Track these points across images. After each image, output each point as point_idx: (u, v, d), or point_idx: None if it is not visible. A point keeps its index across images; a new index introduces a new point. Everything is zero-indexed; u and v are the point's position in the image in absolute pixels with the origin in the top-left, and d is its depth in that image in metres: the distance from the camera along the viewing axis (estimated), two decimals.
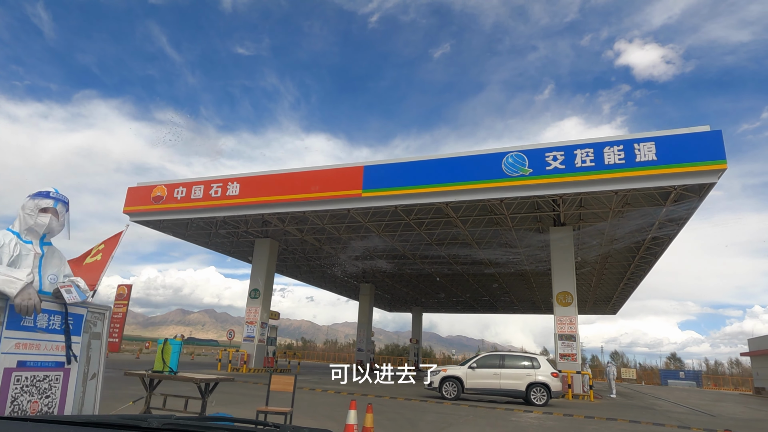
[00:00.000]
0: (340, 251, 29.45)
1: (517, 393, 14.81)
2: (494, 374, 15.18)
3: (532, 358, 15.67)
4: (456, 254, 29.09)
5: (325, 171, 20.21)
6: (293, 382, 5.77)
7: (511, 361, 15.50)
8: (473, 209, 21.08)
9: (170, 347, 5.77)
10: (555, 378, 14.82)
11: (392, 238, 25.79)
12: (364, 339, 36.69)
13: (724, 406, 19.91)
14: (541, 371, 14.89)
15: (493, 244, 26.65)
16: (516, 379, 14.91)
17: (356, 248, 28.79)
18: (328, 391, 15.14)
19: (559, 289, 19.82)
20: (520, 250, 26.65)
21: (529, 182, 16.83)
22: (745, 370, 69.55)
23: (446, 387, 15.42)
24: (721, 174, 15.18)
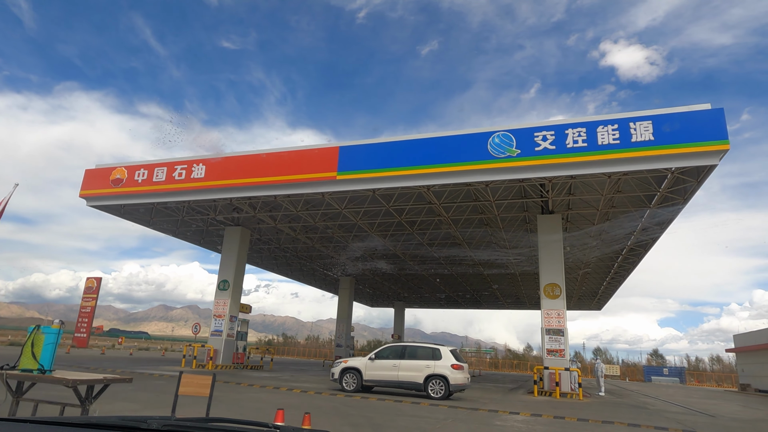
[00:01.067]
0: (317, 242, 27.97)
1: (416, 385, 14.08)
2: (393, 366, 14.45)
3: (433, 349, 14.72)
4: (439, 246, 27.80)
5: (297, 152, 18.71)
6: (210, 384, 4.33)
7: (412, 353, 14.70)
8: (456, 195, 19.78)
9: (42, 337, 4.29)
10: (456, 370, 14.01)
11: (371, 227, 24.39)
12: (344, 334, 35.29)
13: (718, 404, 18.94)
14: (440, 363, 14.10)
15: (477, 236, 25.41)
16: (415, 371, 14.20)
17: (334, 239, 27.34)
18: (293, 390, 13.71)
19: (547, 281, 18.61)
20: (505, 241, 25.45)
21: (517, 164, 15.54)
22: (725, 366, 69.76)
23: (346, 379, 14.84)
24: (722, 155, 14.04)
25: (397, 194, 20.13)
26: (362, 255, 30.51)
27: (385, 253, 30.30)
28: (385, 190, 19.30)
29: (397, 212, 22.05)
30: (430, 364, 14.14)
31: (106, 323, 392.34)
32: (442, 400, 13.22)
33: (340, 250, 30.03)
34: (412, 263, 31.56)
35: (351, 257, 31.54)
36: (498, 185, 18.32)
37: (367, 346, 73.93)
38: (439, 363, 14.11)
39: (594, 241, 26.01)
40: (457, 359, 14.58)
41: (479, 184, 17.92)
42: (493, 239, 26.24)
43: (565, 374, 17.43)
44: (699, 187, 16.28)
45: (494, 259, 30.97)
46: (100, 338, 71.18)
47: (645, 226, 24.32)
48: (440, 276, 36.88)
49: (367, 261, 32.58)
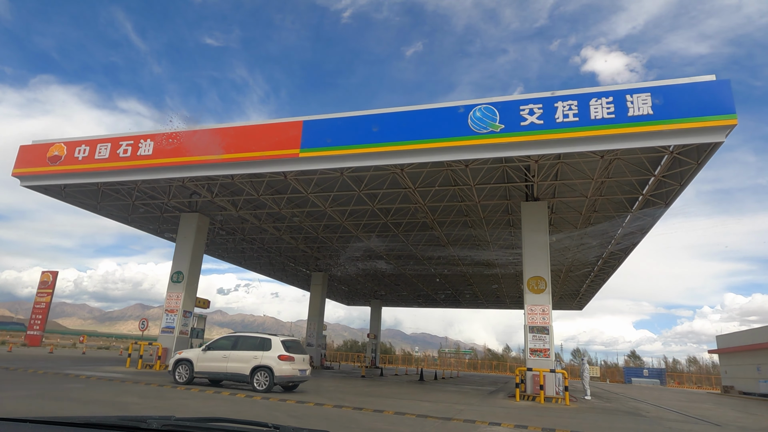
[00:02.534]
0: (285, 232, 25.95)
1: (242, 377, 13.33)
2: (223, 357, 13.75)
3: (264, 339, 13.82)
4: (416, 239, 26.03)
5: (256, 127, 16.72)
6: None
7: (243, 343, 13.93)
8: (434, 179, 18.02)
9: None
10: (282, 361, 13.15)
11: (342, 216, 22.49)
12: (315, 333, 33.25)
13: (713, 409, 17.53)
14: (268, 354, 13.29)
15: (457, 227, 23.70)
16: (242, 362, 13.44)
17: (303, 229, 25.36)
18: (237, 395, 11.74)
19: (531, 274, 16.95)
20: (486, 233, 23.79)
21: (501, 140, 13.81)
22: (701, 368, 69.61)
23: (179, 371, 14.18)
24: (729, 131, 12.49)
25: (369, 177, 18.29)
26: (334, 248, 28.57)
27: (359, 247, 28.42)
28: (354, 172, 17.44)
29: (370, 198, 20.20)
30: (258, 354, 13.35)
31: (80, 322, 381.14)
32: (290, 394, 11.41)
33: (310, 243, 28.06)
34: (387, 258, 29.74)
35: (322, 250, 29.58)
36: (479, 167, 16.63)
37: (343, 346, 71.94)
38: (266, 354, 13.30)
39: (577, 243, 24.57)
40: (292, 350, 13.71)
41: (458, 165, 16.20)
42: (474, 232, 24.56)
43: (550, 376, 15.77)
44: (699, 170, 14.77)
45: (474, 256, 29.33)
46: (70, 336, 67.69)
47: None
48: (418, 273, 35.12)
49: (340, 255, 30.67)
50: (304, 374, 13.96)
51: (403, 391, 17.00)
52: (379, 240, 26.55)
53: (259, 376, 13.13)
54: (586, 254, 28.58)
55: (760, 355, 31.77)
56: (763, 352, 31.22)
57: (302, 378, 13.89)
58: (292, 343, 14.26)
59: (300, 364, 13.76)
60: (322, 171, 17.35)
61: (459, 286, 40.43)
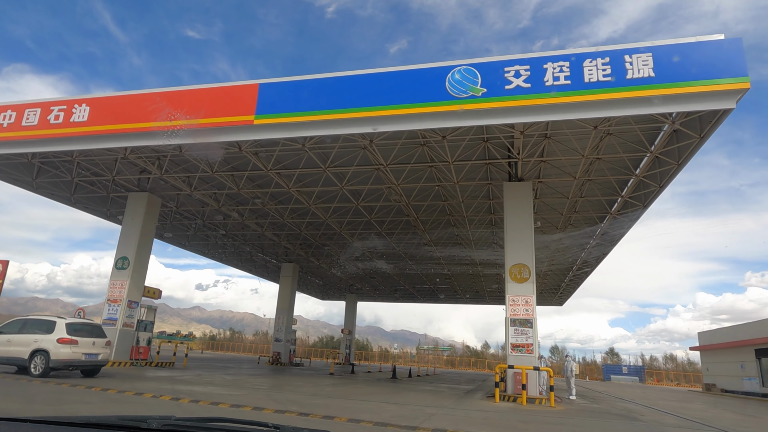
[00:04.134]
0: (248, 217, 23.91)
1: (21, 362, 12.41)
2: (8, 341, 12.80)
3: (50, 321, 12.91)
4: (390, 227, 24.25)
5: (205, 90, 14.67)
6: None
7: (30, 326, 12.97)
8: (408, 155, 16.25)
9: None
10: (63, 344, 12.21)
11: (309, 199, 20.57)
12: (283, 328, 31.24)
13: (707, 410, 16.18)
14: (49, 337, 12.36)
15: (434, 215, 21.99)
16: (23, 346, 12.50)
17: (268, 214, 23.37)
18: (160, 397, 9.79)
19: (514, 261, 15.29)
20: (465, 220, 22.12)
21: (482, 106, 12.06)
22: (678, 365, 69.64)
23: None
24: (740, 96, 10.94)
25: (336, 152, 16.43)
26: (303, 236, 26.61)
27: (330, 235, 26.52)
28: (318, 144, 15.57)
29: (338, 178, 18.34)
30: (39, 338, 12.44)
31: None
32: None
33: (277, 230, 26.06)
34: (362, 248, 27.89)
35: (290, 239, 27.61)
36: (458, 140, 14.90)
37: (319, 342, 69.89)
38: (48, 337, 12.39)
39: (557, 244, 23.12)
40: (82, 333, 12.78)
41: (434, 136, 14.45)
42: (453, 221, 22.90)
43: (534, 375, 14.16)
44: (701, 146, 13.25)
45: (454, 250, 27.69)
46: None
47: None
48: (395, 265, 33.38)
49: (311, 244, 28.73)
50: (94, 358, 12.91)
51: (370, 390, 15.23)
52: (350, 228, 24.71)
53: (36, 360, 12.23)
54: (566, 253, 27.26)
55: (743, 352, 30.87)
56: (747, 350, 30.32)
57: (89, 363, 12.83)
58: (84, 326, 13.26)
59: (87, 347, 12.73)
60: (282, 143, 15.45)
61: (437, 280, 38.82)
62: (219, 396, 10.37)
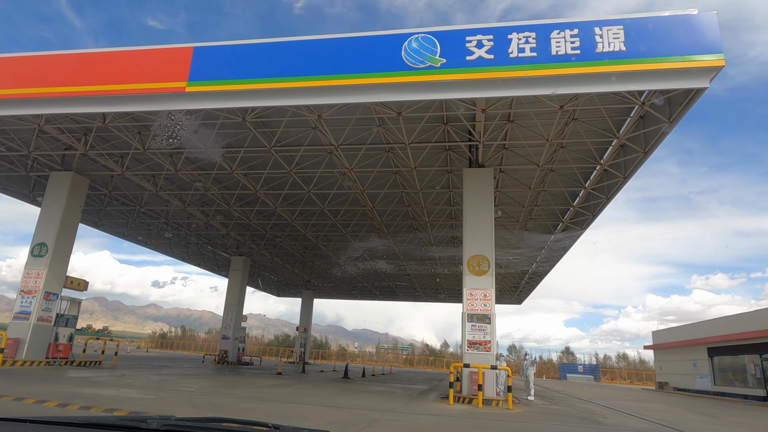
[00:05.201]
0: (191, 204, 22.06)
1: None
2: None
3: None
4: (346, 218, 22.91)
5: (133, 52, 12.94)
6: None
7: None
8: (362, 136, 14.97)
9: None
10: None
11: (256, 183, 19.00)
12: (231, 325, 29.40)
13: (668, 410, 15.64)
14: None
15: (392, 204, 20.80)
16: None
17: (214, 201, 21.61)
18: (44, 403, 8.14)
19: (472, 253, 14.23)
20: (424, 210, 21.03)
21: (442, 77, 10.90)
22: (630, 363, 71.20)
23: None
24: (714, 75, 10.19)
25: (282, 131, 14.98)
26: (252, 226, 24.90)
27: (281, 226, 24.95)
28: (260, 117, 14.08)
29: (287, 161, 16.89)
30: None
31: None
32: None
33: (224, 219, 24.27)
34: (315, 241, 26.42)
35: (239, 229, 25.85)
36: (415, 118, 13.72)
37: (274, 340, 67.70)
38: None
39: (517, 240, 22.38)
40: None
41: (389, 112, 13.21)
42: (411, 213, 21.78)
43: (491, 374, 13.14)
44: (670, 131, 12.52)
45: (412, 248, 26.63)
46: None
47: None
48: (353, 260, 32.04)
49: (262, 236, 27.05)
50: None
51: (315, 392, 13.86)
52: (303, 218, 23.23)
53: None
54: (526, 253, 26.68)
55: (696, 351, 31.13)
56: (700, 348, 30.56)
57: None
58: None
59: None
60: (223, 117, 13.87)
61: (396, 277, 37.73)
62: (126, 401, 8.79)
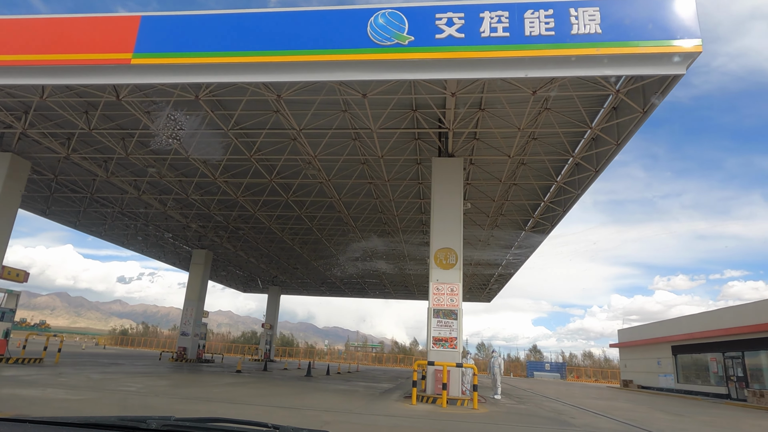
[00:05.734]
0: (146, 191, 20.81)
1: None
2: None
3: None
4: (312, 209, 22.05)
5: (74, 20, 11.84)
6: None
7: None
8: (326, 120, 14.15)
9: None
10: None
11: (215, 172, 17.97)
12: (191, 320, 28.15)
13: (635, 409, 15.38)
14: None
15: (360, 195, 20.04)
16: None
17: (169, 188, 20.44)
18: None
19: (440, 245, 13.61)
20: (392, 203, 20.34)
21: (409, 56, 10.19)
22: (595, 362, 72.41)
23: None
24: (691, 62, 9.79)
25: (240, 114, 14.03)
26: (212, 217, 23.74)
27: (245, 217, 23.89)
28: (215, 95, 13.12)
29: (247, 147, 15.93)
30: None
31: None
32: None
33: (183, 209, 23.07)
34: (281, 234, 25.42)
35: (200, 219, 24.66)
36: (382, 102, 12.99)
37: (241, 337, 66.13)
38: None
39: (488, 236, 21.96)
40: None
41: (355, 94, 12.43)
42: (380, 207, 21.08)
43: (456, 372, 12.54)
44: (642, 122, 12.14)
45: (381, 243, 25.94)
46: None
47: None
48: (320, 255, 31.17)
49: (224, 227, 25.91)
50: None
51: (272, 392, 13.02)
52: (267, 209, 22.25)
53: None
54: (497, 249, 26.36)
55: (660, 349, 31.44)
56: (664, 346, 30.86)
57: None
58: None
59: None
60: (177, 95, 12.85)
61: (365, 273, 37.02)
62: (43, 403, 7.79)
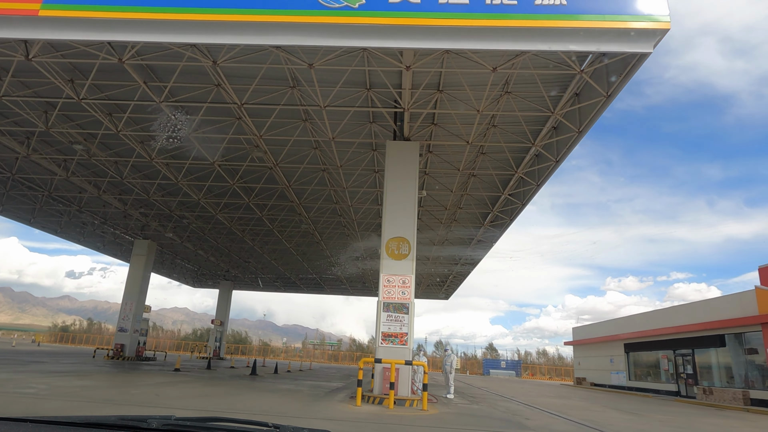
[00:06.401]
0: (75, 172, 18.96)
1: None
2: None
3: None
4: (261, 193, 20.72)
5: None
6: None
7: None
8: (271, 96, 12.94)
9: None
10: None
11: (149, 152, 16.43)
12: (131, 316, 26.22)
13: (591, 408, 14.92)
14: None
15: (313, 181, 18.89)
16: None
17: (99, 169, 18.70)
18: None
19: (392, 234, 12.67)
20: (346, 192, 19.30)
21: (359, 20, 9.15)
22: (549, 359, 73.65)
23: None
24: (659, 40, 9.17)
25: (174, 86, 12.65)
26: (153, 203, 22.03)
27: (189, 204, 22.30)
28: (142, 58, 11.69)
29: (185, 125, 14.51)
30: None
31: None
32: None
33: (120, 194, 21.27)
34: (229, 224, 23.91)
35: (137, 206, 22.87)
36: (332, 78, 11.92)
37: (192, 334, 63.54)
38: None
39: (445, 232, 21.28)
40: None
41: (300, 64, 11.29)
42: (335, 198, 20.01)
43: (406, 370, 11.62)
44: (606, 107, 11.55)
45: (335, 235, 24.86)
46: None
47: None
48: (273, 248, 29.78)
49: (167, 216, 24.19)
50: None
51: (202, 393, 11.76)
52: (212, 197, 20.77)
53: None
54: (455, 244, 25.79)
55: (613, 346, 31.68)
56: (617, 344, 31.09)
57: None
58: None
59: None
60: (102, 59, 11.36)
61: (321, 268, 35.82)
62: None
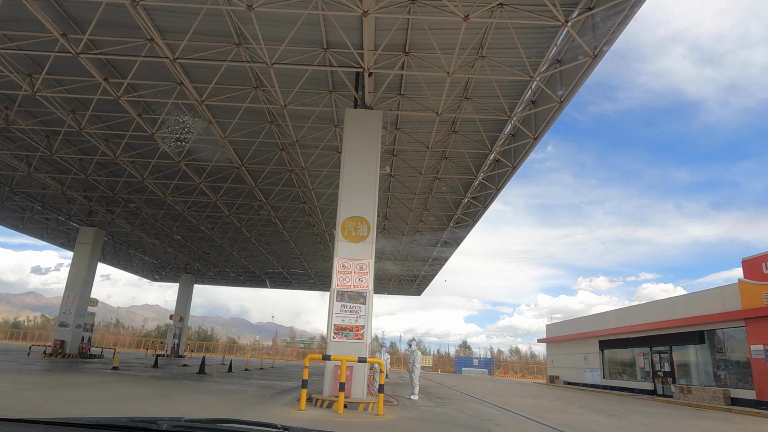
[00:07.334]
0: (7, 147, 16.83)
1: None
2: None
3: None
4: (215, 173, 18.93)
5: None
6: None
7: None
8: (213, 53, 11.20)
9: None
10: None
11: (80, 119, 14.49)
12: (73, 310, 24.05)
13: (568, 409, 13.70)
14: None
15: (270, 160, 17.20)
16: None
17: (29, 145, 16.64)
18: None
19: (349, 214, 11.09)
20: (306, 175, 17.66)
21: None
22: (522, 357, 73.36)
23: None
24: None
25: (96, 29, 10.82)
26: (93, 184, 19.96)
27: (134, 185, 20.32)
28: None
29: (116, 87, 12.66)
30: None
31: None
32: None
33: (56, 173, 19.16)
34: (181, 210, 21.99)
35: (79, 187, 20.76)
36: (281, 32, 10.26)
37: (155, 331, 60.82)
38: None
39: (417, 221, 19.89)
40: None
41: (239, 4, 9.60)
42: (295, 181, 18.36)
43: (360, 369, 10.07)
44: (592, 69, 10.21)
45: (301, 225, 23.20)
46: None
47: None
48: (233, 238, 27.91)
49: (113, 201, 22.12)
50: None
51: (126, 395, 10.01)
52: (160, 177, 18.88)
53: None
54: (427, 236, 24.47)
55: (587, 344, 30.81)
56: (591, 341, 30.23)
57: None
58: None
59: None
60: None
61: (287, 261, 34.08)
62: None
